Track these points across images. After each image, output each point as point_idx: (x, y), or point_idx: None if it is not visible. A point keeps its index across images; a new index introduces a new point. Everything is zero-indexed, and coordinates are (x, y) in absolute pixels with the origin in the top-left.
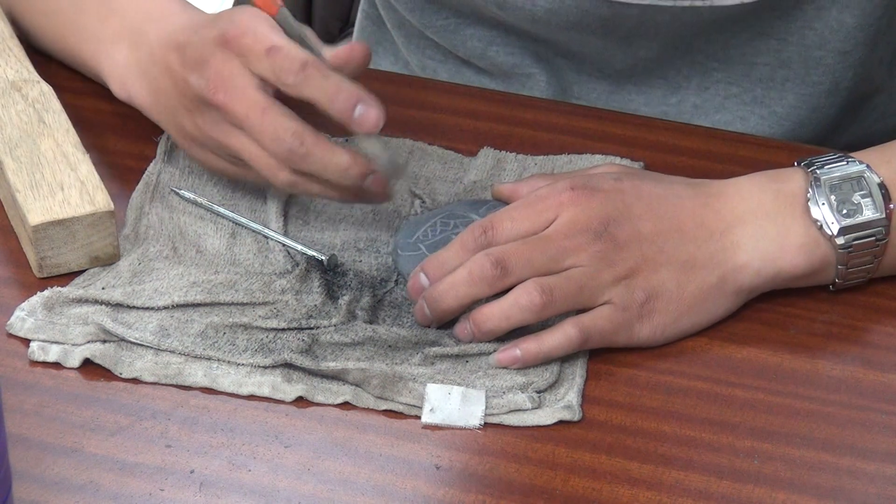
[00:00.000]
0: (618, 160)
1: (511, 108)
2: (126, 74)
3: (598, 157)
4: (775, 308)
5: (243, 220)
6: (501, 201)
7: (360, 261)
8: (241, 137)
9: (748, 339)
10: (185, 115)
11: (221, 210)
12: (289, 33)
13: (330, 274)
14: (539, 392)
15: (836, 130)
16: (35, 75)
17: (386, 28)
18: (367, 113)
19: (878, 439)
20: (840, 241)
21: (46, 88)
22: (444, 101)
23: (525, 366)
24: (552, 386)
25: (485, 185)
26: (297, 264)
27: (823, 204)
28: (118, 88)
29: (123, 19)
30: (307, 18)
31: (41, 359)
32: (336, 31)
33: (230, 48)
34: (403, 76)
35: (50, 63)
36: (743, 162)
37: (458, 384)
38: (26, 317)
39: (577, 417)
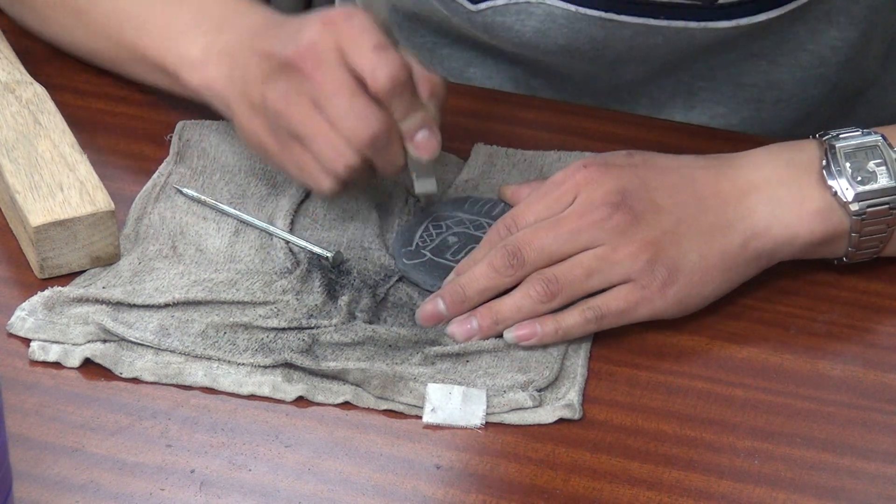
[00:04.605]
0: None
1: (511, 108)
2: (204, 59)
3: (588, 154)
4: (775, 308)
5: (248, 217)
6: (484, 197)
7: (364, 259)
8: (312, 113)
9: (748, 339)
10: (256, 84)
11: (225, 207)
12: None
13: (333, 272)
14: (539, 390)
15: (830, 126)
16: (27, 77)
17: None
18: (429, 141)
19: (878, 439)
20: (854, 207)
21: (40, 90)
22: None
23: (541, 343)
24: (553, 384)
25: (475, 184)
26: (299, 263)
27: (839, 171)
28: (191, 74)
29: (201, 11)
30: None
31: (41, 358)
32: None
33: (333, 27)
34: None
35: (44, 64)
36: None
37: (459, 383)
38: (27, 316)
39: (577, 416)
